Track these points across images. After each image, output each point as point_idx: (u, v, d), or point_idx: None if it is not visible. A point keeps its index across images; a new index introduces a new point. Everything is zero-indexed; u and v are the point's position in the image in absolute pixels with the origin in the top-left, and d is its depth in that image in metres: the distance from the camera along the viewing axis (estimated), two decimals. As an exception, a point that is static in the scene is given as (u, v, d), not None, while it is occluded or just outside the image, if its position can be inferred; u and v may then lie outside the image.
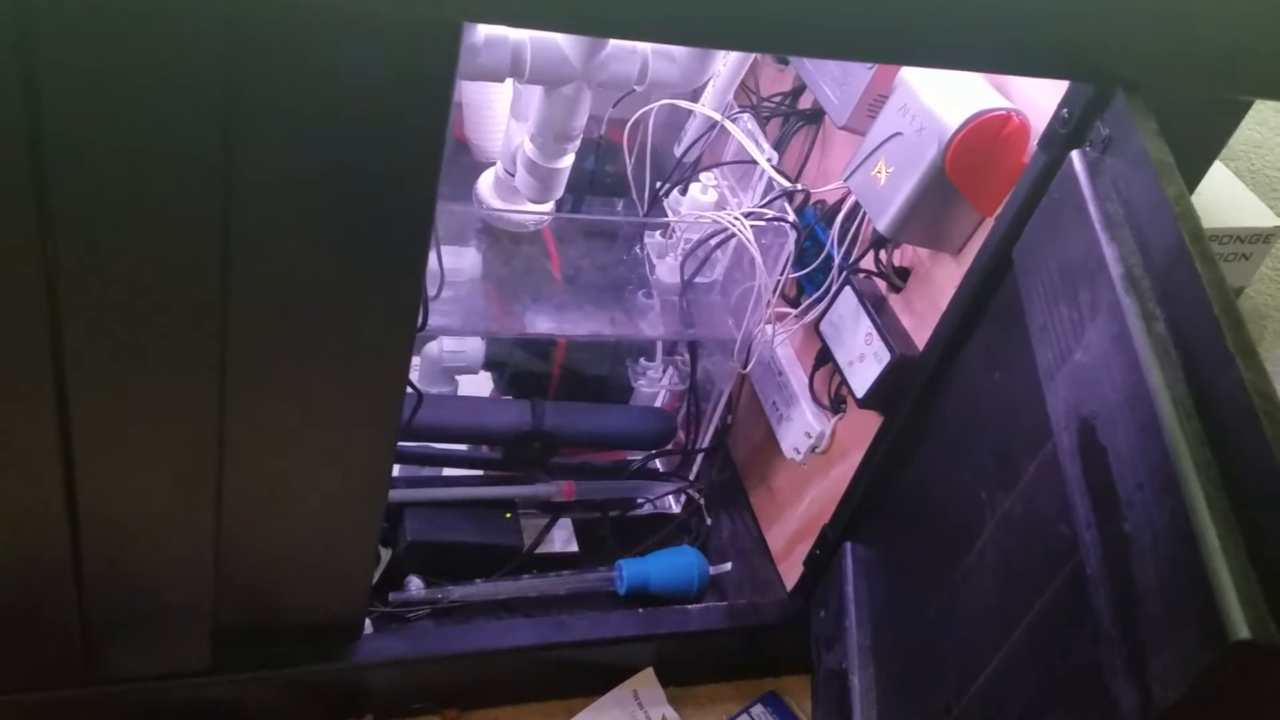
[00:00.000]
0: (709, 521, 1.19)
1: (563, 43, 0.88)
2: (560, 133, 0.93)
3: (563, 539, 1.12)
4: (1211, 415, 0.54)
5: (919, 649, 0.84)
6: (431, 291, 0.93)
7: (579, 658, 1.04)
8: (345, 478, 0.81)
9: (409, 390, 1.01)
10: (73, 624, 0.80)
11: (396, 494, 1.03)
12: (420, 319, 0.92)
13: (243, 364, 0.70)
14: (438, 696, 1.02)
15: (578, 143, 0.96)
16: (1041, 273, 0.75)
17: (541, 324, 1.04)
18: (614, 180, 1.20)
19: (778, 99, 1.20)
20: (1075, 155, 0.73)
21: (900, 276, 1.04)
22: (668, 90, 0.95)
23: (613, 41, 0.89)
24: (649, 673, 1.09)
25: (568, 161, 0.97)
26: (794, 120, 1.19)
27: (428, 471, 1.13)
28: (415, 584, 1.01)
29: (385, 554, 1.02)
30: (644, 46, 0.91)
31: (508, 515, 1.07)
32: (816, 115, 1.17)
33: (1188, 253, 0.60)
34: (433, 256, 0.96)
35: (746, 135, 1.02)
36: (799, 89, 1.19)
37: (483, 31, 0.86)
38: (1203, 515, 0.50)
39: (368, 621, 0.97)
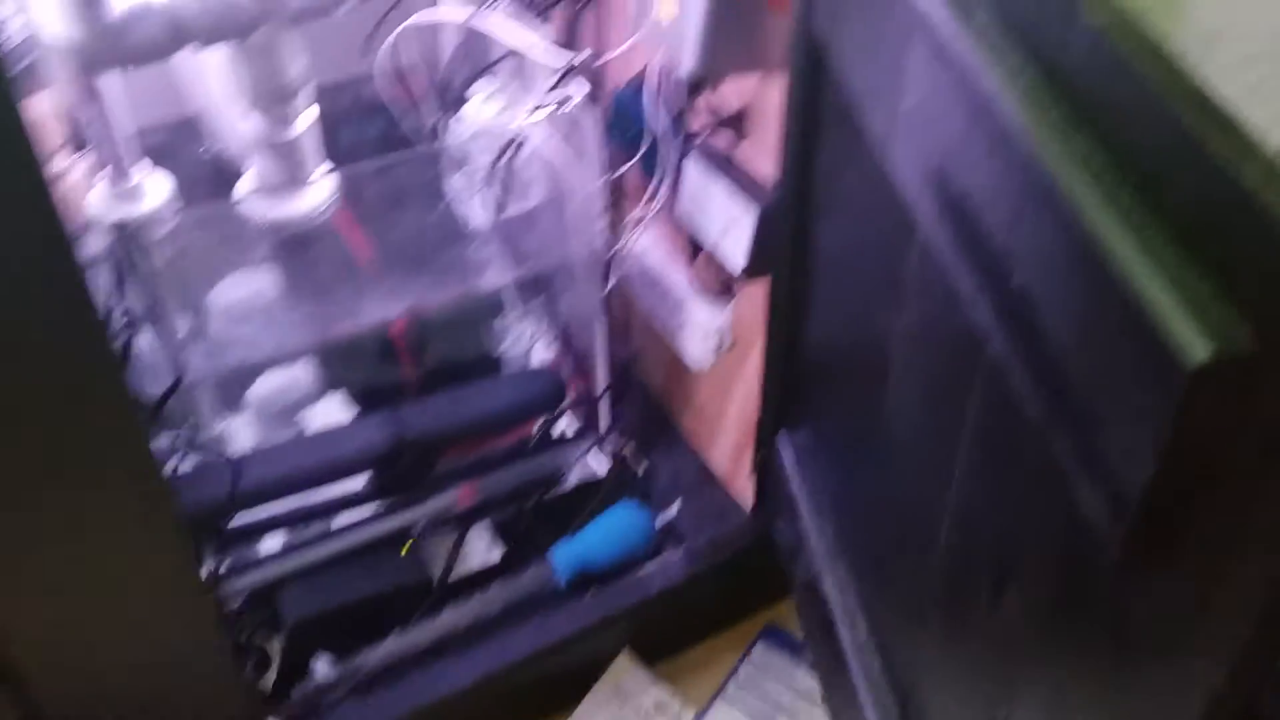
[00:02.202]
0: (641, 470, 1.04)
1: (225, -16, 0.72)
2: (276, 92, 0.77)
3: (482, 550, 0.97)
4: (1075, 93, 0.39)
5: (879, 524, 0.69)
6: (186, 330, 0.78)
7: (538, 672, 0.89)
8: (140, 604, 0.66)
9: (223, 460, 0.85)
10: None
11: (264, 572, 0.88)
12: (174, 375, 0.77)
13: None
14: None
15: (308, 96, 0.80)
16: (845, 32, 0.59)
17: (357, 318, 0.88)
18: (406, 133, 1.05)
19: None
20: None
21: (737, 121, 0.89)
22: (376, -1, 0.78)
23: (286, -39, 0.73)
24: (625, 657, 0.94)
25: (305, 125, 0.81)
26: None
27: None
28: (321, 666, 0.86)
29: (274, 645, 0.86)
30: (327, -45, 0.75)
31: (405, 549, 0.91)
32: (597, -14, 1.01)
33: (982, -91, 0.44)
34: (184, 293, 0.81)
35: (503, 22, 0.86)
36: (571, -34, 1.03)
37: (121, 6, 0.69)
38: (1095, 216, 0.35)
39: (279, 725, 0.82)
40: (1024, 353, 0.41)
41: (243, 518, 0.90)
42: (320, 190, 0.88)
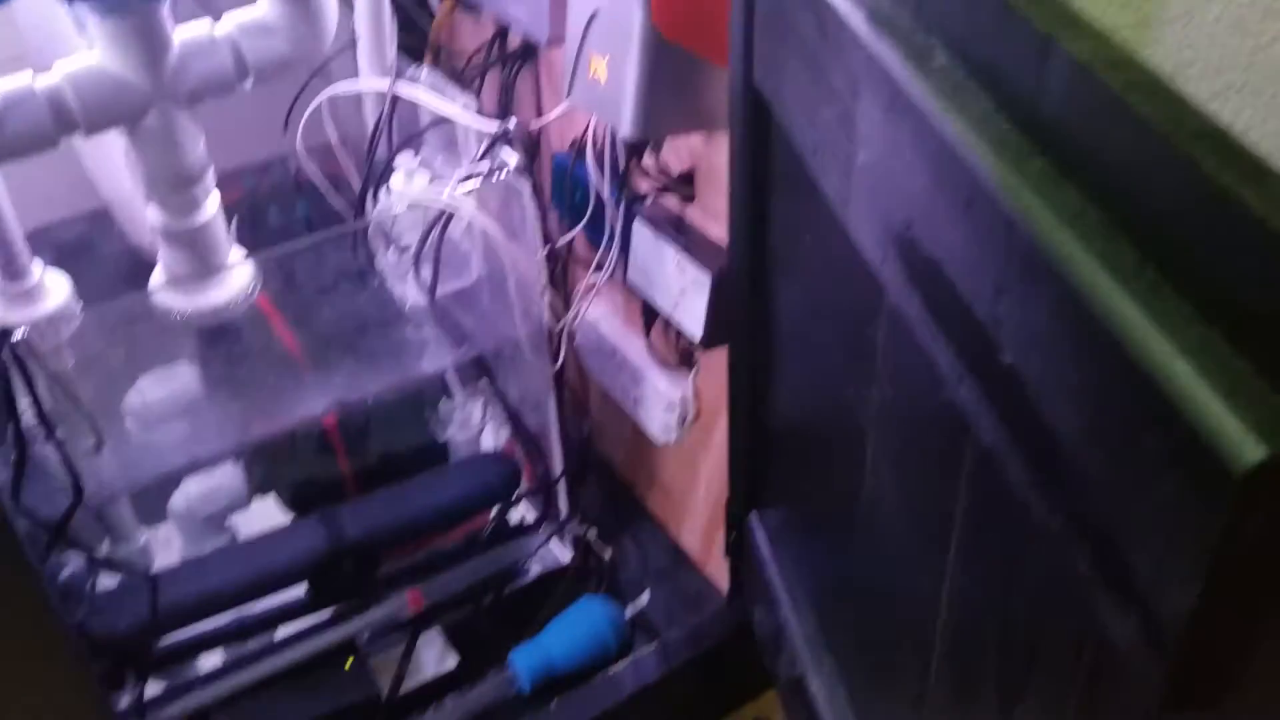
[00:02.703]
0: (608, 556, 0.96)
1: (113, 66, 0.65)
2: (175, 177, 0.71)
3: (435, 657, 0.88)
4: (1056, 139, 0.33)
5: (866, 619, 0.62)
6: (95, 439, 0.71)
7: (503, 793, 0.81)
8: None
9: (141, 578, 0.77)
10: None
11: (194, 698, 0.79)
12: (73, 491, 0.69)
13: None
14: None
15: (208, 184, 0.73)
16: (788, 84, 0.54)
17: (285, 415, 0.81)
18: (335, 216, 0.99)
19: (484, 52, 1.00)
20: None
21: (685, 183, 0.83)
22: (284, 71, 0.73)
23: (180, 39, 0.67)
24: (599, 769, 0.86)
25: (210, 211, 0.74)
26: (511, 65, 0.98)
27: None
28: (262, 799, 0.77)
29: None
30: (226, 30, 0.69)
31: (348, 664, 0.83)
32: (529, 50, 0.97)
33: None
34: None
35: (427, 91, 0.80)
36: (503, 30, 0.98)
37: (-4, 92, 0.63)
38: (1100, 287, 0.29)
39: None
40: (1021, 443, 0.34)
41: (171, 637, 0.81)
42: (238, 278, 0.81)
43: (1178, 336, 0.27)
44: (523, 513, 0.99)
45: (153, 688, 0.82)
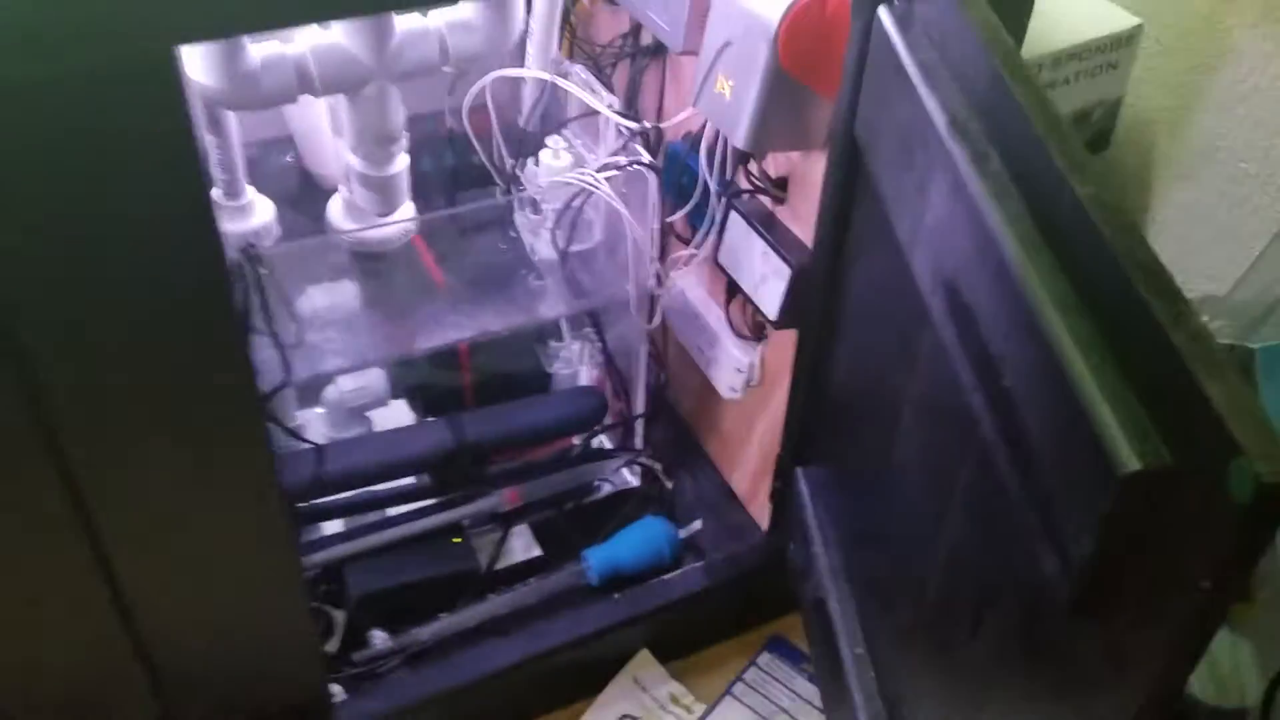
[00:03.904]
0: (670, 485, 1.15)
1: (348, 44, 0.83)
2: (379, 136, 0.88)
3: (523, 546, 1.08)
4: (1061, 243, 0.49)
5: (880, 558, 0.80)
6: (290, 339, 0.89)
7: (568, 660, 1.00)
8: (244, 564, 0.77)
9: (307, 445, 0.97)
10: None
11: (333, 551, 0.99)
12: (282, 372, 0.88)
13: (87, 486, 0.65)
14: (432, 742, 0.98)
15: (403, 143, 0.91)
16: (881, 144, 0.70)
17: (432, 337, 0.99)
18: (479, 171, 1.16)
19: (618, 43, 1.15)
20: (882, 10, 0.68)
21: (780, 186, 0.99)
22: (476, 62, 0.89)
23: (399, 28, 0.84)
24: (644, 654, 1.05)
25: (400, 164, 0.92)
26: (640, 59, 1.13)
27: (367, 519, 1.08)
28: (379, 636, 0.97)
29: (339, 616, 0.98)
30: (437, 23, 0.86)
31: (456, 540, 1.02)
32: (660, 48, 1.12)
33: (1002, 78, 0.55)
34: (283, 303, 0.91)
35: (581, 86, 0.97)
36: (637, 27, 1.13)
37: (257, 54, 0.81)
38: (1067, 348, 0.45)
39: (338, 689, 0.93)
40: (1006, 439, 0.51)
41: (316, 501, 1.01)
42: (402, 216, 0.99)
43: (1108, 389, 0.44)
44: (604, 440, 1.17)
45: (295, 539, 1.02)
